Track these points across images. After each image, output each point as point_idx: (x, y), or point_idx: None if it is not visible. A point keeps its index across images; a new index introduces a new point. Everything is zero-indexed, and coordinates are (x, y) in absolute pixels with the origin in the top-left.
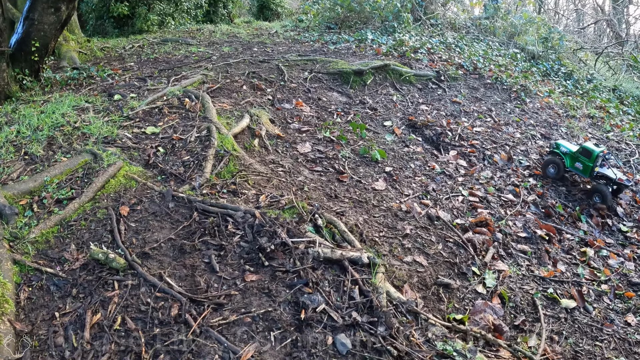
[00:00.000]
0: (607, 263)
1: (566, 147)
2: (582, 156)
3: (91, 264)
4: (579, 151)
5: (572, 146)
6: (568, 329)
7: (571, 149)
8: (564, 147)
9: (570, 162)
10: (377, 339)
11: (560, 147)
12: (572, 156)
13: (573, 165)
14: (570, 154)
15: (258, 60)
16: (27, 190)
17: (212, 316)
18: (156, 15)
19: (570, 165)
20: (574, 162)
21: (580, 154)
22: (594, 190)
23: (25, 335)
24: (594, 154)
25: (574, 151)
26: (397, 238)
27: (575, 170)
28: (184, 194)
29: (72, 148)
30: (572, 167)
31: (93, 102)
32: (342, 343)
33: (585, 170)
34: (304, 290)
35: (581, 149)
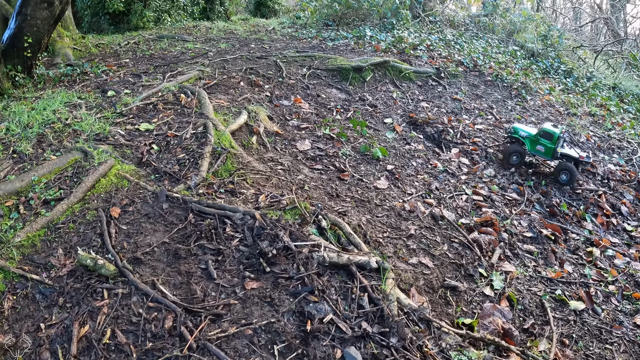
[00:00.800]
0: (613, 263)
1: (525, 130)
2: (544, 139)
3: (79, 271)
4: (539, 134)
5: (530, 129)
6: (578, 331)
7: (531, 132)
8: (523, 131)
9: (531, 146)
10: (390, 351)
11: (519, 132)
12: (533, 140)
13: (534, 149)
14: (530, 138)
15: (255, 57)
16: (13, 191)
17: (210, 328)
18: (152, 11)
19: (532, 149)
20: (535, 146)
21: (541, 136)
22: (560, 169)
23: (9, 349)
24: (555, 135)
25: (535, 134)
26: (401, 239)
27: (537, 153)
28: (178, 194)
29: (62, 146)
30: (534, 150)
31: (86, 98)
32: (352, 356)
33: (547, 152)
34: (309, 299)
35: (542, 131)
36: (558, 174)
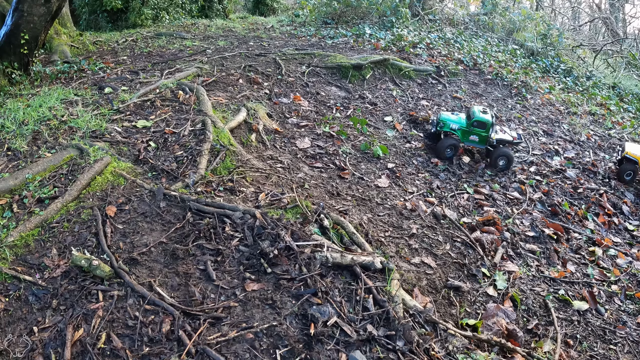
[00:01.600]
0: (615, 263)
1: (454, 120)
2: (477, 128)
3: (73, 272)
4: (472, 124)
5: (458, 117)
6: (582, 332)
7: (462, 122)
8: (453, 122)
9: (464, 136)
10: (397, 355)
11: (450, 124)
12: (465, 130)
13: (468, 139)
14: (462, 129)
15: (254, 54)
16: (7, 189)
17: (209, 332)
18: (150, 9)
19: (465, 139)
20: (468, 136)
21: (474, 126)
22: (498, 156)
23: (0, 353)
24: (488, 123)
25: (467, 124)
26: (403, 238)
27: (470, 143)
28: (176, 193)
29: (57, 143)
30: (468, 141)
31: (82, 95)
32: None
33: (481, 141)
34: (313, 301)
35: (474, 121)
36: (495, 160)
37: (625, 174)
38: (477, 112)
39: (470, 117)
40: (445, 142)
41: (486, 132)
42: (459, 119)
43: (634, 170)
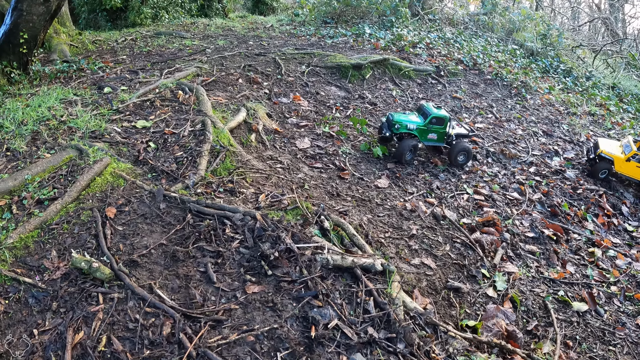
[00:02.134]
0: (615, 264)
1: (411, 120)
2: (435, 125)
3: (73, 274)
4: (430, 121)
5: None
6: (581, 333)
7: (419, 121)
8: (410, 122)
9: (422, 136)
10: (397, 358)
11: (406, 124)
12: (423, 129)
13: (427, 138)
14: (420, 128)
15: (254, 54)
16: (6, 190)
17: (210, 335)
18: (150, 8)
19: (424, 139)
20: (427, 135)
21: (432, 123)
22: (458, 151)
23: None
24: (446, 118)
25: (425, 122)
26: (403, 239)
27: (430, 142)
28: (176, 194)
29: (56, 143)
30: (427, 140)
31: (82, 95)
32: None
33: (440, 138)
34: (313, 303)
35: (433, 117)
36: (455, 156)
37: (600, 172)
38: (431, 108)
39: (426, 114)
40: (405, 145)
41: (444, 129)
42: (414, 118)
43: (608, 169)
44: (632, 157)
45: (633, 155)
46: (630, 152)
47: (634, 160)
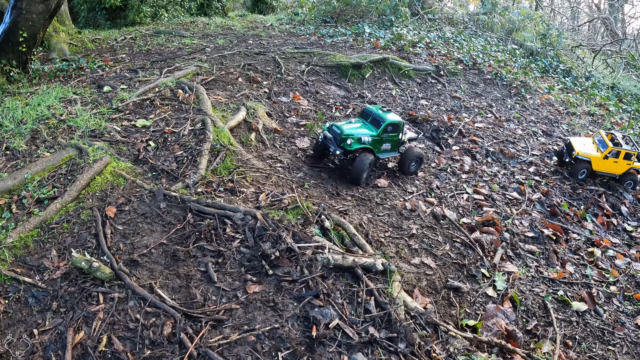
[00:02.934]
0: (614, 264)
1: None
2: (390, 133)
3: (73, 273)
4: (385, 129)
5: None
6: (581, 333)
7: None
8: (363, 135)
9: (377, 148)
10: (398, 357)
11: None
12: (377, 139)
13: (381, 150)
14: (375, 138)
15: (254, 53)
16: (5, 189)
17: (211, 334)
18: (149, 7)
19: (379, 151)
20: (381, 146)
21: (387, 131)
22: (412, 159)
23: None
24: (400, 124)
25: (378, 132)
26: (403, 238)
27: (385, 154)
28: (177, 193)
29: (56, 142)
30: (381, 151)
31: (81, 93)
32: None
33: (394, 147)
34: (314, 303)
35: (388, 125)
36: (408, 165)
37: (579, 173)
38: (381, 112)
39: (377, 120)
40: (363, 163)
41: (397, 136)
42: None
43: (587, 169)
44: (609, 154)
45: (610, 152)
46: (607, 150)
47: (610, 156)
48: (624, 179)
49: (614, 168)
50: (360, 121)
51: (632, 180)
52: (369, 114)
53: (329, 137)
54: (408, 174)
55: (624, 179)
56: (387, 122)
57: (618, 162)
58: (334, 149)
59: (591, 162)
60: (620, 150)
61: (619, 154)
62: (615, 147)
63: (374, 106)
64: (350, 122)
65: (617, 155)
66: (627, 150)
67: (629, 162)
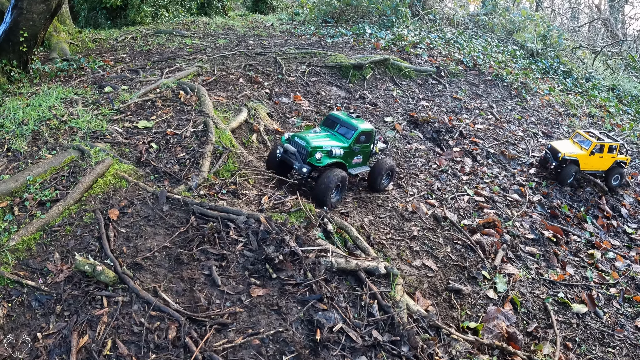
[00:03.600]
0: (614, 266)
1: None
2: (362, 144)
3: (77, 277)
4: (357, 139)
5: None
6: (581, 335)
7: (343, 144)
8: (334, 147)
9: (348, 162)
10: None
11: (330, 149)
12: (349, 151)
13: (351, 163)
14: (346, 150)
15: (254, 53)
16: (7, 191)
17: (216, 338)
18: (150, 6)
19: (351, 165)
20: (352, 158)
21: (360, 142)
22: (384, 172)
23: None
24: (373, 132)
25: (350, 142)
26: (404, 240)
27: (356, 168)
28: (179, 196)
29: (58, 144)
30: (352, 165)
31: (82, 94)
32: None
33: (365, 160)
34: (318, 307)
35: (361, 133)
36: (379, 180)
37: (568, 177)
38: (351, 119)
39: (347, 128)
40: (331, 179)
41: (369, 146)
42: (331, 141)
43: (575, 171)
44: (594, 150)
45: (595, 147)
46: (592, 145)
47: (596, 152)
48: (610, 175)
49: (601, 164)
50: (326, 131)
51: (619, 174)
52: (336, 121)
53: (292, 151)
54: (379, 190)
55: (611, 174)
56: (360, 131)
57: (604, 157)
58: (299, 166)
59: (579, 161)
60: (604, 143)
61: (603, 147)
62: (599, 141)
63: (341, 112)
64: (315, 131)
65: (601, 149)
66: (610, 142)
67: (613, 156)
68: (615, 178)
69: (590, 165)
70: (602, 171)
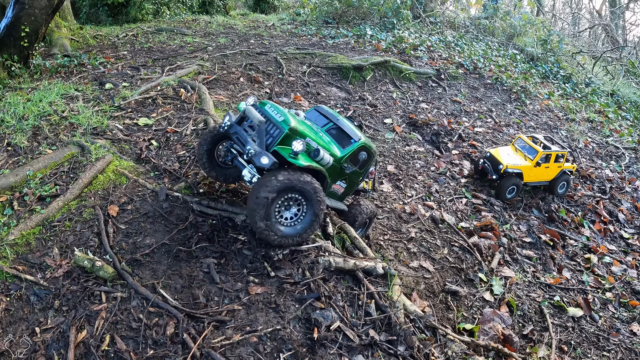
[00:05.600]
0: (610, 270)
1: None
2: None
3: (76, 272)
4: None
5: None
6: (576, 338)
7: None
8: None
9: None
10: None
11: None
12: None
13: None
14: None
15: (255, 52)
16: (7, 186)
17: (214, 335)
18: (151, 4)
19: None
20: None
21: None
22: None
23: (2, 354)
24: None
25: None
26: (402, 242)
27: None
28: (179, 193)
29: (58, 139)
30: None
31: (83, 90)
32: None
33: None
34: (316, 305)
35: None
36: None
37: (508, 191)
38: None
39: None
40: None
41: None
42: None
43: (517, 185)
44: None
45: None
46: (537, 156)
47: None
48: (556, 183)
49: (546, 174)
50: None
51: (565, 181)
52: (329, 118)
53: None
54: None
55: (556, 183)
56: (361, 145)
57: (550, 167)
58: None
59: (522, 173)
60: (550, 152)
61: (550, 157)
62: (545, 151)
63: (334, 111)
64: (298, 114)
65: (547, 159)
66: (558, 151)
67: (560, 165)
68: (561, 186)
69: (535, 177)
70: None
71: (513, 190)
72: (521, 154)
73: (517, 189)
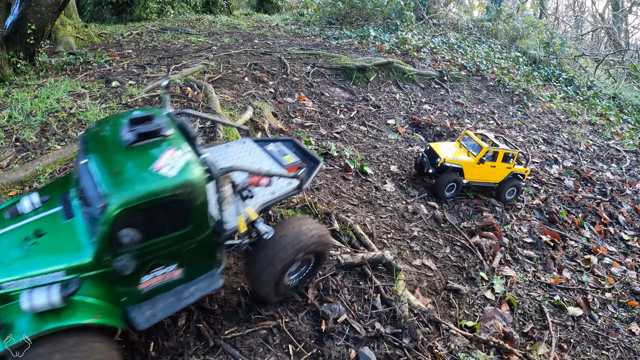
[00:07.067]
0: (610, 271)
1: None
2: (156, 239)
3: None
4: (112, 241)
5: None
6: (576, 337)
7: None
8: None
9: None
10: (403, 352)
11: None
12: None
13: (136, 291)
14: (90, 269)
15: (259, 52)
16: (17, 180)
17: (224, 327)
18: (155, 3)
19: (134, 296)
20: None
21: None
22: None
23: None
24: (196, 195)
25: (96, 251)
26: (405, 240)
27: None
28: None
29: (66, 135)
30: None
31: (90, 88)
32: (366, 357)
33: (203, 262)
34: (324, 299)
35: (126, 220)
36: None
37: (446, 188)
38: (106, 177)
39: (92, 209)
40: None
41: (193, 235)
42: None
43: (457, 182)
44: (484, 157)
45: (485, 153)
46: (482, 151)
47: (487, 159)
48: (504, 187)
49: (492, 175)
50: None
51: (515, 186)
52: (81, 174)
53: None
54: None
55: (505, 187)
56: (115, 216)
57: (496, 167)
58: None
59: (463, 169)
60: (497, 150)
61: (497, 155)
62: (492, 147)
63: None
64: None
65: (494, 157)
66: (506, 150)
67: (509, 166)
68: (510, 192)
69: (479, 175)
70: (495, 183)
71: (452, 187)
72: (465, 150)
73: (457, 186)
